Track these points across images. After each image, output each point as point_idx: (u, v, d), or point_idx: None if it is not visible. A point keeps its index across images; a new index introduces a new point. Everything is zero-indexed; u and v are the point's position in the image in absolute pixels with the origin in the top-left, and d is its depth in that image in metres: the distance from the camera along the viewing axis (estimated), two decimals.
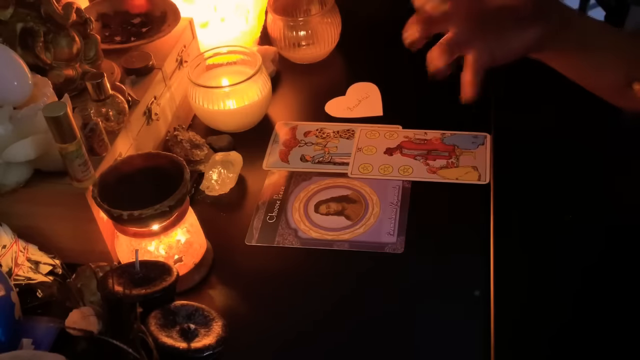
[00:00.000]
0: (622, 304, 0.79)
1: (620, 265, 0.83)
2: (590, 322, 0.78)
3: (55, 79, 0.86)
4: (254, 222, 0.92)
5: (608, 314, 0.79)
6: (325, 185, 0.97)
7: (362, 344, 0.77)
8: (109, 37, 1.05)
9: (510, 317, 0.77)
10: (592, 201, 0.91)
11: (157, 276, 0.72)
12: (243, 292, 0.84)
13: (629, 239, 0.86)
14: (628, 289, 0.81)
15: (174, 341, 0.66)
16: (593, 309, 0.79)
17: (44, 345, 0.75)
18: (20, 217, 0.82)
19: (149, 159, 0.82)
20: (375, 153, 1.00)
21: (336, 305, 0.81)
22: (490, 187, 0.93)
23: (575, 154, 0.98)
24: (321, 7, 1.19)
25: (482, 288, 0.80)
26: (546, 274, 0.83)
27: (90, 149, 0.81)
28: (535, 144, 1.00)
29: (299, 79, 1.18)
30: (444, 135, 1.02)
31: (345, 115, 1.09)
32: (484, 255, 0.83)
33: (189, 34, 1.08)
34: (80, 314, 0.71)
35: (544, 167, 0.96)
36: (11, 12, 0.84)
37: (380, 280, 0.84)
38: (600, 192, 0.93)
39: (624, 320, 0.78)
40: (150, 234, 0.79)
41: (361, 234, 0.89)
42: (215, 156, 0.97)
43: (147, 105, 0.94)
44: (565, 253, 0.85)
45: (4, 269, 0.77)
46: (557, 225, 0.88)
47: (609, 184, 0.94)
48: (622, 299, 0.80)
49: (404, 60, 1.19)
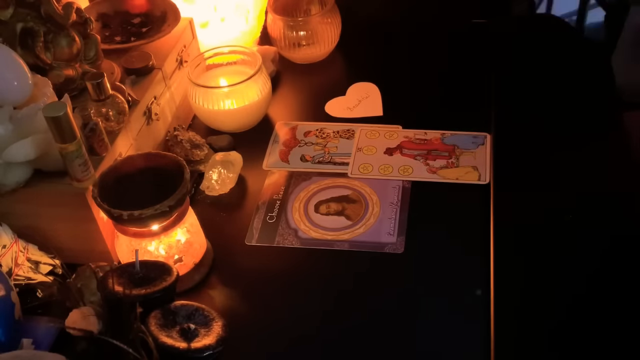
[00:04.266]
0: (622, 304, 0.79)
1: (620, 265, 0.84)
2: (590, 322, 0.78)
3: (55, 79, 0.86)
4: (254, 222, 0.92)
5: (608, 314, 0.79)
6: (325, 185, 0.97)
7: (362, 343, 0.77)
8: (109, 37, 1.05)
9: (510, 317, 0.77)
10: (592, 201, 0.91)
11: (157, 276, 0.72)
12: (243, 292, 0.84)
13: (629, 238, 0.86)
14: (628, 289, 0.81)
15: (174, 341, 0.67)
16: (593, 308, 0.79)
17: (44, 345, 0.75)
18: (20, 217, 0.82)
19: (149, 159, 0.82)
20: (375, 153, 1.00)
21: (336, 305, 0.81)
22: (490, 187, 0.93)
23: (576, 154, 0.98)
24: (321, 7, 1.19)
25: (482, 288, 0.80)
26: (546, 274, 0.83)
27: (90, 149, 0.81)
28: (535, 144, 1.00)
29: (299, 79, 1.18)
30: (444, 135, 1.02)
31: (345, 115, 1.09)
32: (484, 255, 0.83)
33: (189, 34, 1.08)
34: (80, 314, 0.71)
35: (544, 167, 0.96)
36: (11, 12, 0.84)
37: (380, 280, 0.84)
38: (601, 192, 0.93)
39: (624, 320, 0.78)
40: (150, 234, 0.79)
41: (361, 234, 0.89)
42: (215, 156, 0.97)
43: (147, 105, 0.94)
44: (565, 253, 0.85)
45: (4, 269, 0.77)
46: (557, 226, 0.88)
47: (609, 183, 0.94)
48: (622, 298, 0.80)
49: (404, 60, 1.20)
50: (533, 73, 1.14)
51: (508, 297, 0.79)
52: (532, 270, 0.83)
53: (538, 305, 0.79)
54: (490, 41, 1.20)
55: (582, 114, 1.06)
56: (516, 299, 0.80)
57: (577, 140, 1.01)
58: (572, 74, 1.14)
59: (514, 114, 1.06)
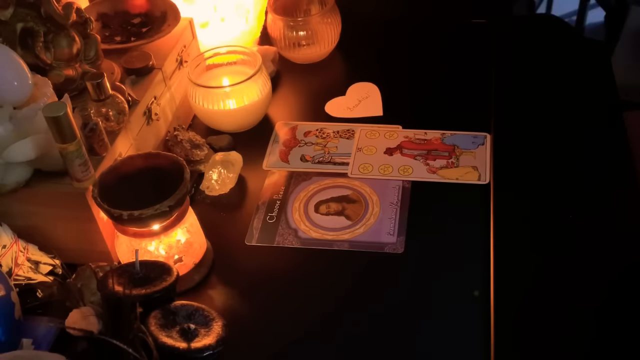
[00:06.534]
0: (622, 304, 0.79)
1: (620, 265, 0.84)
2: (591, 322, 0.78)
3: (55, 79, 0.86)
4: (254, 222, 0.92)
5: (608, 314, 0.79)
6: (325, 185, 0.97)
7: (362, 343, 0.77)
8: (109, 37, 1.05)
9: (510, 317, 0.77)
10: (592, 201, 0.91)
11: (157, 276, 0.72)
12: (243, 292, 0.84)
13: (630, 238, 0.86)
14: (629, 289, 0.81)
15: (174, 341, 0.67)
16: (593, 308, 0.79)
17: (44, 345, 0.75)
18: (20, 217, 0.82)
19: (149, 159, 0.82)
20: (375, 153, 1.01)
21: (336, 305, 0.81)
22: (490, 187, 0.93)
23: (576, 153, 0.98)
24: (321, 7, 1.19)
25: (482, 288, 0.80)
26: (546, 274, 0.83)
27: (90, 149, 0.81)
28: (535, 144, 1.00)
29: (299, 79, 1.18)
30: (444, 135, 1.02)
31: (345, 115, 1.09)
32: (484, 255, 0.84)
33: (189, 34, 1.08)
34: (80, 314, 0.71)
35: (544, 167, 0.96)
36: (11, 12, 0.84)
37: (380, 280, 0.84)
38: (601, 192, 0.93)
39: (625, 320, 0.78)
40: (150, 234, 0.79)
41: (361, 234, 0.89)
42: (215, 156, 0.97)
43: (147, 105, 0.94)
44: (565, 253, 0.85)
45: (4, 269, 0.77)
46: (557, 226, 0.88)
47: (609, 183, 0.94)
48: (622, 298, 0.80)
49: (404, 61, 1.20)
50: (533, 73, 1.14)
51: (508, 297, 0.79)
52: (532, 271, 0.83)
53: (538, 306, 0.79)
54: (490, 41, 1.20)
55: (582, 114, 1.06)
56: (516, 299, 0.80)
57: (577, 140, 1.01)
58: (572, 74, 1.13)
59: (514, 114, 1.06)
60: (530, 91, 1.10)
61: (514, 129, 1.03)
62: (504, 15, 1.47)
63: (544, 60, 1.16)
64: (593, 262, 0.84)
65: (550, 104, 1.07)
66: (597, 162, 0.97)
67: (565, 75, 1.13)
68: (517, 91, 1.10)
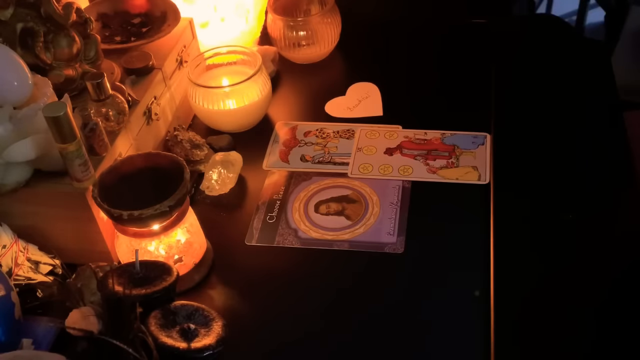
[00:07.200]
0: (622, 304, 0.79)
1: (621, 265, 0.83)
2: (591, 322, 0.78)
3: (55, 79, 0.86)
4: (254, 222, 0.92)
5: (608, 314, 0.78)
6: (325, 185, 0.97)
7: (362, 343, 0.77)
8: (109, 37, 1.05)
9: (510, 317, 0.77)
10: (592, 201, 0.91)
11: (157, 276, 0.72)
12: (243, 292, 0.84)
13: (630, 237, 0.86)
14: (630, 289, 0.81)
15: (174, 341, 0.67)
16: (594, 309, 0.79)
17: (44, 345, 0.75)
18: (20, 217, 0.82)
19: (149, 159, 0.82)
20: (375, 153, 1.00)
21: (336, 305, 0.81)
22: (490, 187, 0.93)
23: (576, 153, 0.98)
24: (321, 7, 1.19)
25: (482, 288, 0.80)
26: (546, 274, 0.83)
27: (90, 149, 0.81)
28: (535, 143, 1.00)
29: (299, 79, 1.18)
30: (444, 135, 1.02)
31: (345, 115, 1.09)
32: (484, 255, 0.84)
33: (189, 34, 1.08)
34: (80, 314, 0.71)
35: (544, 167, 0.96)
36: (11, 12, 0.84)
37: (380, 280, 0.84)
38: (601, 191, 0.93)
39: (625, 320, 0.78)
40: (150, 234, 0.79)
41: (361, 234, 0.89)
42: (215, 156, 0.97)
43: (147, 105, 0.94)
44: (565, 253, 0.85)
45: (4, 269, 0.77)
46: (557, 225, 0.88)
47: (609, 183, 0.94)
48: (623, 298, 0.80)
49: (404, 60, 1.20)
50: (533, 73, 1.14)
51: (508, 297, 0.79)
52: (532, 271, 0.83)
53: (538, 306, 0.79)
54: (490, 41, 1.20)
55: (582, 114, 1.06)
56: (516, 299, 0.80)
57: (577, 140, 1.01)
58: (572, 74, 1.13)
59: (514, 114, 1.06)
60: (530, 91, 1.10)
61: (514, 129, 1.03)
62: (504, 15, 1.47)
63: (544, 60, 1.16)
64: (593, 262, 0.84)
65: (550, 104, 1.07)
66: (597, 162, 0.97)
67: (565, 75, 1.13)
68: (517, 91, 1.10)
